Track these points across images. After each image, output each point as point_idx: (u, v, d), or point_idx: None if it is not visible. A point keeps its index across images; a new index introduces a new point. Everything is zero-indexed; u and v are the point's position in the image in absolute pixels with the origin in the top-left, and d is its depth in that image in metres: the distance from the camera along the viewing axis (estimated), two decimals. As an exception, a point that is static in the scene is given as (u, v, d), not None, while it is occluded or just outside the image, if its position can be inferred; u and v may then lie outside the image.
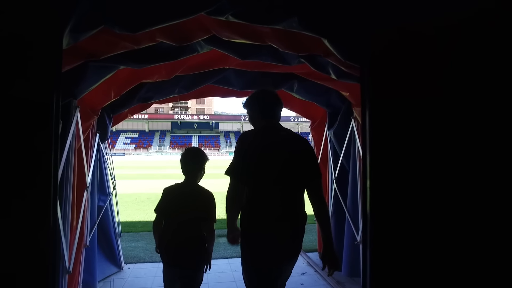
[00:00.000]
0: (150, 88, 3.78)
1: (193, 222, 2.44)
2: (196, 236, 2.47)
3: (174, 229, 2.45)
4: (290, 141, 2.15)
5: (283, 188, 2.03)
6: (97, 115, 3.43)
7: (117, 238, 4.23)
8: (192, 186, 2.53)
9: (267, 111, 2.22)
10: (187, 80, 3.80)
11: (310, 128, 4.89)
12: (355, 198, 3.70)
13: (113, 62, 2.58)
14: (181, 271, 2.45)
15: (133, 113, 4.31)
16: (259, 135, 2.16)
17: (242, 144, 2.13)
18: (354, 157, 3.73)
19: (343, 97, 3.87)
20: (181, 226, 2.42)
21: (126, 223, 8.39)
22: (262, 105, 2.24)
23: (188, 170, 2.54)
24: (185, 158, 2.58)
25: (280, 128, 2.20)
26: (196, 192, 2.51)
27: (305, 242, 6.68)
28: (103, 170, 4.00)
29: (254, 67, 3.44)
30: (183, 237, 2.42)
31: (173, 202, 2.48)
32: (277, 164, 2.03)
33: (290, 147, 2.11)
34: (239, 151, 2.12)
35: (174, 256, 2.45)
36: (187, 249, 2.43)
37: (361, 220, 3.48)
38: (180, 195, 2.50)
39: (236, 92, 4.28)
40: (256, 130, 2.23)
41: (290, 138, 2.17)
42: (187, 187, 2.52)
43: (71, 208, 2.74)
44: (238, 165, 2.08)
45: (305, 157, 2.11)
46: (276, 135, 2.14)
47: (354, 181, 3.72)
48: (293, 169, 2.04)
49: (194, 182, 2.55)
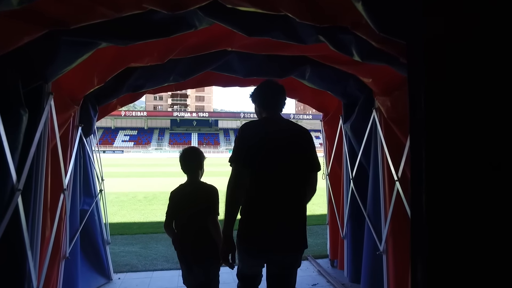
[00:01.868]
0: (141, 74, 3.29)
1: (202, 214, 2.47)
2: (206, 229, 2.47)
3: (183, 224, 2.55)
4: (290, 132, 2.15)
5: (283, 178, 2.04)
6: (78, 105, 2.94)
7: (105, 246, 3.75)
8: (194, 184, 2.60)
9: (268, 103, 2.24)
10: (183, 65, 3.30)
11: (322, 122, 4.39)
12: (376, 202, 3.21)
13: (90, 36, 2.09)
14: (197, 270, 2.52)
15: (123, 104, 3.81)
16: (260, 126, 2.17)
17: (243, 133, 2.11)
18: (376, 155, 3.24)
19: (362, 86, 3.39)
20: (191, 220, 2.51)
21: (121, 224, 7.93)
22: (263, 97, 2.26)
23: (188, 169, 2.62)
24: (183, 158, 2.65)
25: (281, 119, 2.21)
26: (199, 188, 2.57)
27: (313, 245, 6.10)
28: (88, 169, 3.51)
29: (262, 48, 2.95)
30: (194, 231, 2.49)
31: (180, 202, 2.57)
32: (277, 154, 2.04)
33: (289, 138, 2.12)
34: (241, 139, 2.08)
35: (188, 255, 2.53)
36: (199, 247, 2.47)
37: (385, 227, 3.00)
38: (184, 194, 2.58)
39: (239, 81, 3.79)
40: (257, 121, 2.23)
41: (290, 128, 2.18)
42: (190, 185, 2.60)
43: (42, 215, 2.25)
44: (241, 151, 2.04)
45: (304, 149, 2.12)
46: (276, 125, 2.15)
47: (376, 182, 3.23)
48: (292, 160, 2.06)
49: (196, 179, 2.62)
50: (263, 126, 2.16)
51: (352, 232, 3.66)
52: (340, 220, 3.95)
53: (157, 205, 10.43)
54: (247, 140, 2.07)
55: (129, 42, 2.25)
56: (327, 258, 4.87)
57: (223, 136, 73.09)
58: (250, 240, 2.01)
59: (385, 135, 3.05)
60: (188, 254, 2.53)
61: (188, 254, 2.53)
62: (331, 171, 4.35)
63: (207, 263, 2.50)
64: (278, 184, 2.02)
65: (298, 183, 2.07)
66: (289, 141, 2.09)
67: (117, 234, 6.88)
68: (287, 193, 2.03)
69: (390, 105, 2.94)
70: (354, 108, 3.59)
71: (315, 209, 10.54)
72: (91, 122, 3.30)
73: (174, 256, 5.29)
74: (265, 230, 1.99)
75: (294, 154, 2.07)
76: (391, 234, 2.97)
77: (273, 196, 2.01)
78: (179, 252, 2.58)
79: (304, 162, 2.09)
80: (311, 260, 4.84)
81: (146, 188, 14.48)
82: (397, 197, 2.85)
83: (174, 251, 5.58)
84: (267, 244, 1.99)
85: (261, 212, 2.01)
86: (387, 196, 3.03)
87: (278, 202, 2.01)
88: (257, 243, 2.00)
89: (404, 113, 2.98)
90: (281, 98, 2.26)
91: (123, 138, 69.78)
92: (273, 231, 1.98)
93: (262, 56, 3.27)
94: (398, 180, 2.83)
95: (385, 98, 2.99)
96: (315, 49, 2.88)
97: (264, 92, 2.27)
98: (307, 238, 2.11)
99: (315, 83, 3.50)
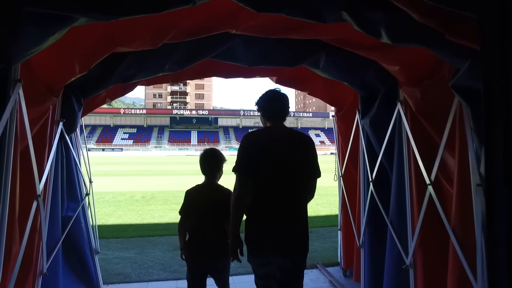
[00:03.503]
0: (132, 62, 2.88)
1: (217, 216, 2.50)
2: (220, 226, 2.53)
3: (198, 225, 2.57)
4: (290, 141, 2.23)
5: (282, 185, 2.14)
6: (58, 97, 2.52)
7: (93, 255, 3.34)
8: (212, 186, 2.64)
9: (273, 114, 2.32)
10: (180, 52, 2.89)
11: (335, 117, 3.97)
12: (401, 208, 2.81)
13: (62, 8, 1.67)
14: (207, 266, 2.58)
15: (113, 97, 3.39)
16: (261, 136, 2.26)
17: (245, 143, 2.21)
18: (400, 154, 2.83)
19: (383, 75, 2.97)
20: (206, 221, 2.54)
21: (116, 226, 7.53)
22: (268, 108, 2.34)
23: (207, 171, 2.64)
24: (204, 159, 2.66)
25: (283, 129, 2.30)
26: (216, 190, 2.60)
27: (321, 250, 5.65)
28: (73, 170, 3.10)
29: (271, 31, 2.53)
30: (210, 233, 2.54)
31: (196, 202, 2.60)
32: (276, 163, 2.14)
33: (289, 146, 2.20)
34: (243, 148, 2.18)
35: (201, 254, 2.54)
36: (214, 246, 2.52)
37: (413, 237, 2.59)
38: (201, 196, 2.61)
39: (243, 71, 3.38)
40: (259, 130, 2.32)
41: (291, 137, 2.24)
42: (207, 187, 2.63)
43: (6, 228, 1.84)
44: (244, 159, 2.15)
45: (303, 157, 2.21)
46: (277, 135, 2.23)
47: (400, 185, 2.82)
48: (291, 168, 2.15)
49: (213, 181, 2.65)
50: (264, 136, 2.26)
51: (371, 240, 3.26)
52: (356, 226, 3.54)
53: (155, 205, 10.04)
54: (249, 150, 2.17)
55: (111, 17, 1.83)
56: (339, 266, 4.47)
57: (223, 134, 72.73)
58: (253, 241, 2.15)
59: (412, 131, 2.64)
60: (200, 251, 2.55)
61: (199, 251, 2.55)
62: (344, 171, 3.94)
63: (218, 260, 2.56)
64: (277, 191, 2.14)
65: (297, 190, 2.18)
66: (289, 150, 2.19)
67: (112, 237, 6.48)
68: (286, 199, 2.14)
69: (420, 97, 2.53)
70: (373, 101, 3.18)
71: (319, 210, 10.13)
72: (74, 117, 2.88)
73: (172, 263, 4.91)
74: (266, 232, 2.12)
75: (293, 163, 2.17)
76: (420, 246, 2.56)
77: (272, 202, 2.13)
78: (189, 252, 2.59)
79: (304, 170, 2.19)
80: (321, 269, 4.44)
81: (144, 187, 14.07)
82: (429, 203, 2.45)
83: (171, 257, 5.22)
84: (268, 244, 2.11)
85: (262, 217, 2.14)
86: (416, 202, 2.62)
87: (277, 208, 2.13)
88: (258, 244, 2.14)
89: (437, 106, 2.59)
90: (285, 108, 2.34)
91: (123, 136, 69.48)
92: (273, 234, 2.10)
93: (270, 41, 2.85)
94: (431, 184, 2.43)
95: (413, 89, 2.58)
96: (334, 31, 2.47)
97: (269, 103, 2.35)
98: (314, 241, 2.28)
99: (330, 73, 3.08)
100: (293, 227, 2.14)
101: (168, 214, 8.69)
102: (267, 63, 3.04)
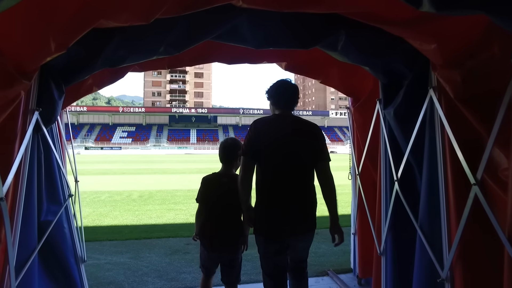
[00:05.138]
0: (121, 43, 2.47)
1: (236, 205, 2.51)
2: (238, 220, 2.66)
3: (219, 214, 2.66)
4: (297, 127, 2.37)
5: (288, 169, 2.29)
6: (30, 80, 2.12)
7: (79, 265, 2.93)
8: (230, 175, 2.71)
9: (283, 103, 2.42)
10: (177, 32, 2.49)
11: (351, 109, 3.56)
12: (434, 212, 2.40)
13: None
14: (222, 256, 2.72)
15: (101, 84, 2.97)
16: (269, 122, 2.38)
17: (254, 128, 2.32)
18: (433, 148, 2.43)
19: (411, 59, 2.58)
20: (225, 210, 2.66)
21: (111, 228, 7.16)
22: (279, 97, 2.45)
23: (226, 159, 2.73)
24: (223, 148, 2.75)
25: (291, 116, 2.41)
26: (234, 180, 2.56)
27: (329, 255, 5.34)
28: (54, 169, 2.69)
29: (283, 2, 2.13)
30: (227, 221, 2.66)
31: (215, 191, 2.68)
32: (283, 148, 2.29)
33: (297, 132, 2.35)
34: (252, 133, 2.31)
35: (217, 241, 2.67)
36: (230, 233, 2.66)
37: (452, 247, 2.20)
38: (220, 184, 2.68)
39: (250, 54, 2.98)
40: (268, 117, 2.41)
41: (298, 124, 2.38)
42: (225, 176, 2.72)
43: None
44: (250, 143, 2.28)
45: (312, 140, 2.35)
46: (285, 122, 2.37)
47: (432, 185, 2.42)
48: (301, 151, 2.31)
49: (231, 170, 2.75)
50: (272, 122, 2.38)
51: (395, 247, 2.85)
52: (376, 231, 3.14)
53: (153, 205, 9.66)
54: (257, 134, 2.29)
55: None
56: (352, 273, 4.08)
57: (222, 132, 72.37)
58: (270, 230, 2.31)
59: (450, 122, 2.24)
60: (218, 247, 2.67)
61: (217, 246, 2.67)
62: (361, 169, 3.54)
63: (235, 248, 2.69)
64: (288, 175, 2.28)
65: (306, 174, 2.33)
66: (297, 136, 2.33)
67: (106, 240, 6.10)
68: (297, 183, 2.30)
69: (461, 80, 2.12)
70: (397, 89, 2.77)
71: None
72: (54, 106, 2.47)
73: (169, 270, 4.50)
74: (282, 216, 2.28)
75: (301, 148, 2.31)
76: (460, 258, 2.16)
77: (285, 186, 2.28)
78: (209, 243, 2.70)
79: (310, 155, 2.33)
80: (332, 276, 4.04)
81: (142, 186, 13.69)
82: (475, 206, 2.05)
83: (168, 262, 4.81)
84: (285, 227, 2.28)
85: (276, 201, 2.28)
86: (454, 205, 2.22)
87: (290, 191, 2.28)
88: (275, 230, 2.30)
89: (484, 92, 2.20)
90: (295, 98, 2.47)
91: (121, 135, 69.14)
92: (288, 216, 2.27)
93: (282, 18, 2.44)
94: (476, 184, 2.03)
95: (453, 71, 2.17)
96: (358, 2, 2.08)
97: (280, 92, 2.46)
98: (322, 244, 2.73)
99: (349, 56, 2.68)
100: (305, 209, 2.33)
101: (165, 215, 8.31)
102: (277, 45, 2.64)
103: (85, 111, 71.01)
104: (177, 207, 9.27)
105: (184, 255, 5.13)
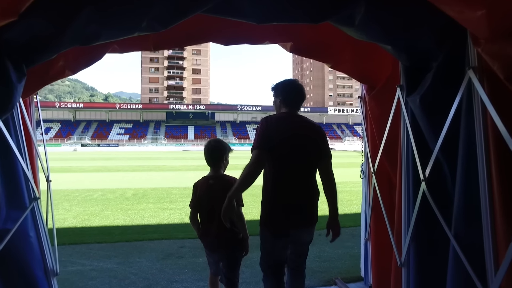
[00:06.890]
0: (93, 15, 2.02)
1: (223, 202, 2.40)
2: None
3: (213, 217, 2.60)
4: (305, 126, 2.49)
5: (302, 166, 2.41)
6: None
7: (50, 279, 2.50)
8: (217, 177, 2.71)
9: (291, 102, 2.52)
10: (162, 3, 2.06)
11: (365, 98, 3.12)
12: (473, 219, 1.98)
13: None
14: (222, 256, 2.75)
15: (75, 68, 2.51)
16: (281, 119, 2.46)
17: (267, 124, 2.38)
18: (470, 142, 2.01)
19: (441, 36, 2.15)
20: (216, 212, 2.54)
21: (101, 229, 6.72)
22: (288, 96, 2.53)
23: (212, 162, 2.74)
24: (207, 151, 2.75)
25: (297, 116, 2.54)
26: (222, 181, 2.65)
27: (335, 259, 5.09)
28: (17, 168, 2.25)
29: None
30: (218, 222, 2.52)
31: (204, 194, 2.68)
32: (293, 145, 2.38)
33: (305, 131, 2.46)
34: (265, 128, 2.35)
35: (217, 243, 2.69)
36: (227, 233, 2.61)
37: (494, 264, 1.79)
38: (209, 187, 2.67)
39: (250, 33, 2.55)
40: (277, 115, 2.51)
41: (305, 123, 2.50)
42: (213, 178, 2.71)
43: None
44: (266, 138, 2.31)
45: (318, 139, 2.47)
46: (294, 120, 2.48)
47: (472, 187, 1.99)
48: (310, 148, 2.42)
49: (218, 172, 2.73)
50: (284, 120, 2.45)
51: (419, 259, 2.43)
52: (395, 238, 2.72)
53: (147, 204, 9.22)
54: (271, 130, 2.36)
55: None
56: (362, 282, 3.68)
57: (220, 129, 71.88)
58: (278, 224, 2.38)
59: (497, 109, 1.81)
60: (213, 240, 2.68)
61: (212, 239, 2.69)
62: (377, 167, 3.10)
63: (232, 249, 2.69)
64: (296, 172, 2.38)
65: (312, 171, 2.46)
66: (304, 135, 2.43)
67: (94, 243, 5.67)
68: (304, 180, 2.41)
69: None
70: (423, 73, 2.35)
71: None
72: (11, 91, 2.02)
73: (159, 278, 4.06)
74: (292, 210, 2.36)
75: (308, 146, 2.42)
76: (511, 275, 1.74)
77: (294, 182, 2.38)
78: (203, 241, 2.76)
79: (315, 153, 2.44)
80: (341, 286, 3.63)
81: (136, 184, 13.25)
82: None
83: (159, 268, 4.35)
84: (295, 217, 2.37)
85: (287, 196, 2.35)
86: (501, 212, 1.80)
87: (298, 187, 2.39)
88: (283, 223, 2.38)
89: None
90: (303, 98, 2.56)
91: (118, 131, 68.55)
92: (298, 210, 2.38)
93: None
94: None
95: (501, 45, 1.74)
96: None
97: (290, 91, 2.54)
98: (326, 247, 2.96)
99: (368, 33, 2.24)
100: (312, 203, 2.44)
101: (159, 214, 7.88)
102: (282, 19, 2.20)
103: (81, 108, 70.26)
104: (172, 206, 8.84)
105: (177, 259, 4.71)
